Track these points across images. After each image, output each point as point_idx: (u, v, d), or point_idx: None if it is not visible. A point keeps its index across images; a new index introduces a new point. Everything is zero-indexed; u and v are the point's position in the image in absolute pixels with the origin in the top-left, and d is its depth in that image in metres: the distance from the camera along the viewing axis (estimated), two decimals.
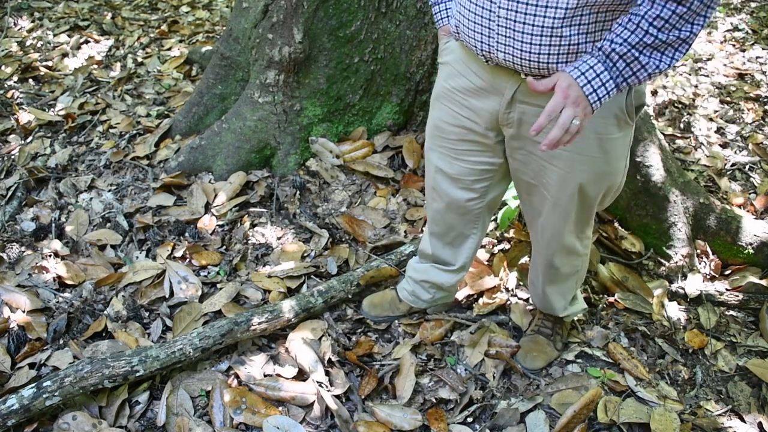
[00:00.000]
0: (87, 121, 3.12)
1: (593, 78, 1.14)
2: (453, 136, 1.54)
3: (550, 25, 1.16)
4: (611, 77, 1.15)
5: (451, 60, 1.48)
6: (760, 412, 1.80)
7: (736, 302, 2.15)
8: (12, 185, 2.65)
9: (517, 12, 1.18)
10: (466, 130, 1.50)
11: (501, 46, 1.24)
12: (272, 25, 2.46)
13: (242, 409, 1.73)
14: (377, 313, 2.05)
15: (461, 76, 1.44)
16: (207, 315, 2.05)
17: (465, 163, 1.58)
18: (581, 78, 1.15)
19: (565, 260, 1.68)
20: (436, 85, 1.56)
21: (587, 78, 1.15)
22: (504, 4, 1.19)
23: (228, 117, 2.69)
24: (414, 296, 1.98)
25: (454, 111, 1.50)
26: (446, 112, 1.52)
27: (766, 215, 2.57)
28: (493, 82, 1.37)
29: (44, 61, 3.71)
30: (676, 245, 2.25)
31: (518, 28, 1.19)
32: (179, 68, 3.67)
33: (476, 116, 1.46)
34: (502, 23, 1.21)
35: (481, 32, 1.27)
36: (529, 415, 1.75)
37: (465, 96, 1.45)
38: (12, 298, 2.08)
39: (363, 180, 2.62)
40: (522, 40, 1.20)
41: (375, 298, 2.08)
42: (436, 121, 1.57)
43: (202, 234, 2.39)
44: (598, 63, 1.15)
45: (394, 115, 2.77)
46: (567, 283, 1.80)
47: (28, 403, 1.65)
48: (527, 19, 1.17)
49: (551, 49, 1.19)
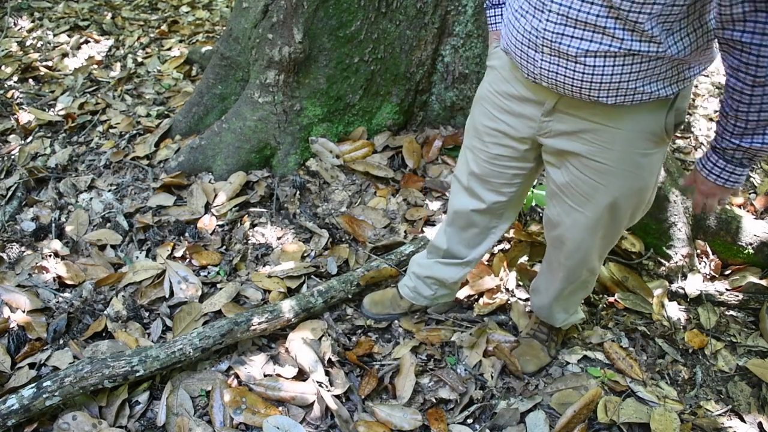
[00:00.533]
0: (87, 121, 3.12)
1: (720, 172, 1.30)
2: (488, 139, 1.54)
3: (592, 64, 1.19)
4: (737, 165, 1.28)
5: (498, 65, 1.49)
6: (760, 412, 1.80)
7: (736, 302, 2.15)
8: (12, 185, 2.65)
9: (560, 51, 1.21)
10: (502, 134, 1.51)
11: (544, 76, 1.28)
12: (272, 25, 2.46)
13: (242, 409, 1.73)
14: (378, 311, 2.05)
15: (505, 81, 1.45)
16: (207, 315, 2.05)
17: (495, 167, 1.57)
18: (711, 176, 1.32)
19: (582, 275, 1.67)
20: (482, 86, 1.57)
21: (715, 174, 1.31)
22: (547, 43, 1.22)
23: (228, 117, 2.69)
24: (415, 293, 1.96)
25: (494, 114, 1.50)
26: (486, 114, 1.53)
27: (766, 215, 2.57)
28: (535, 93, 1.38)
29: (44, 61, 3.71)
30: (676, 245, 2.25)
31: (562, 64, 1.23)
32: (179, 68, 3.67)
33: (515, 121, 1.46)
34: (546, 58, 1.25)
35: (526, 60, 1.30)
36: (529, 415, 1.75)
37: (507, 101, 1.46)
38: (12, 298, 2.08)
39: (363, 180, 2.62)
40: (565, 75, 1.24)
41: (376, 296, 2.08)
42: (475, 122, 1.58)
43: (202, 234, 2.39)
44: (720, 159, 1.29)
45: (394, 115, 2.77)
46: (574, 299, 1.81)
47: (28, 403, 1.65)
48: (569, 57, 1.21)
49: (593, 85, 1.22)
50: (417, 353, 1.95)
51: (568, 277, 1.67)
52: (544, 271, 1.80)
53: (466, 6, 2.57)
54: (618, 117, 1.30)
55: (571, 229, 1.53)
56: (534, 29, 1.23)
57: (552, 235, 1.63)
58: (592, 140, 1.35)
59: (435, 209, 2.50)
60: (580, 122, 1.34)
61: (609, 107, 1.28)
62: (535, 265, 2.27)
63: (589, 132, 1.34)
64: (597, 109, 1.30)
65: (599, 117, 1.32)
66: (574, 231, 1.52)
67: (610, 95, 1.23)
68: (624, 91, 1.22)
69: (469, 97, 2.75)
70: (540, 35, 1.23)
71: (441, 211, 2.49)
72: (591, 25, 1.15)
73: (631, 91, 1.22)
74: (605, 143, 1.34)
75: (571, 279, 1.68)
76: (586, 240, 1.53)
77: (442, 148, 2.77)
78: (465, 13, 2.58)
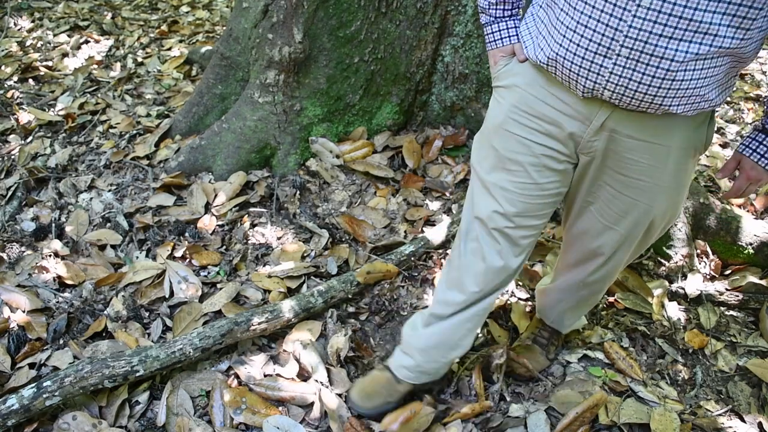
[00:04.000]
0: (87, 121, 3.12)
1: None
2: (526, 168, 1.36)
3: (674, 69, 1.09)
4: None
5: (522, 83, 1.33)
6: (760, 412, 1.80)
7: (736, 302, 2.15)
8: (12, 185, 2.65)
9: (642, 53, 1.09)
10: (542, 158, 1.35)
11: (611, 84, 1.16)
12: (272, 25, 2.46)
13: (242, 409, 1.73)
14: (373, 405, 1.71)
15: (538, 100, 1.31)
16: (207, 315, 2.05)
17: (535, 198, 1.40)
18: (762, 159, 1.27)
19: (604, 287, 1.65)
20: (498, 113, 1.38)
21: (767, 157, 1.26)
22: (629, 43, 1.10)
23: (228, 117, 2.69)
24: (419, 372, 1.69)
25: (527, 139, 1.34)
26: (516, 141, 1.35)
27: (766, 215, 2.57)
28: (582, 109, 1.26)
29: (44, 61, 3.71)
30: (676, 245, 2.25)
31: (639, 69, 1.11)
32: (179, 68, 3.67)
33: (555, 143, 1.33)
34: (620, 62, 1.12)
35: (589, 69, 1.16)
36: (530, 416, 1.75)
37: (542, 121, 1.32)
38: (12, 298, 2.08)
39: (363, 180, 2.62)
40: (641, 81, 1.12)
41: (366, 386, 1.74)
42: (502, 152, 1.38)
43: (202, 234, 2.39)
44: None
45: (394, 115, 2.77)
46: (587, 306, 1.80)
47: (28, 403, 1.65)
48: (652, 61, 1.10)
49: (669, 92, 1.13)
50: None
51: (593, 287, 1.64)
52: (560, 281, 1.73)
53: (466, 6, 2.57)
54: (668, 132, 1.23)
55: (605, 246, 1.47)
56: (610, 29, 1.10)
57: (582, 249, 1.55)
58: (639, 159, 1.28)
59: (435, 209, 2.50)
60: (628, 141, 1.26)
61: (662, 122, 1.22)
62: (535, 265, 2.27)
63: (635, 151, 1.27)
64: (649, 125, 1.23)
65: (649, 134, 1.24)
66: (607, 248, 1.47)
67: (681, 102, 1.15)
68: (694, 99, 1.15)
69: (469, 97, 2.75)
70: (620, 35, 1.10)
71: (441, 211, 2.49)
72: (688, 21, 1.04)
73: (699, 98, 1.15)
74: (651, 161, 1.27)
75: (595, 289, 1.66)
76: (618, 255, 1.48)
77: (442, 148, 2.77)
78: (465, 13, 2.58)
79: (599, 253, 1.50)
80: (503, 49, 1.39)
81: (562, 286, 1.74)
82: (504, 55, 1.40)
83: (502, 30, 1.39)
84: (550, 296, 1.82)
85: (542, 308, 1.90)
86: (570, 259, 1.63)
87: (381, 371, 1.76)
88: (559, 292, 1.76)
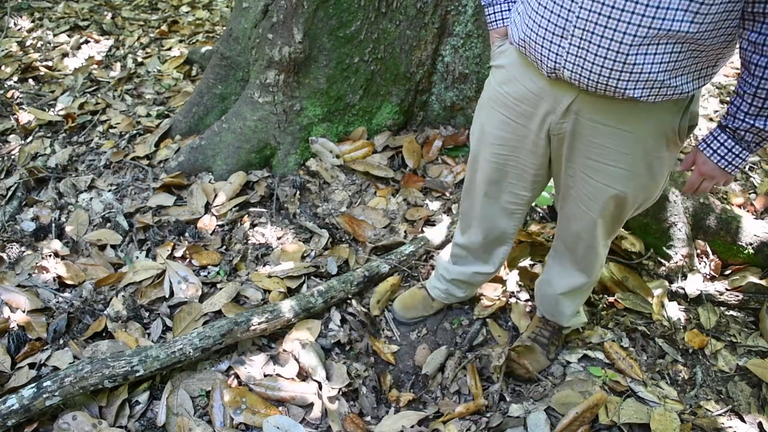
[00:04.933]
0: (87, 121, 3.12)
1: (726, 153, 1.27)
2: (504, 142, 1.49)
3: (625, 52, 1.13)
4: (743, 148, 1.25)
5: (507, 64, 1.43)
6: (760, 412, 1.80)
7: (736, 302, 2.15)
8: (12, 185, 2.65)
9: (594, 33, 1.15)
10: (518, 137, 1.46)
11: (569, 64, 1.22)
12: (272, 25, 2.46)
13: (242, 409, 1.73)
14: (412, 316, 2.05)
15: (516, 81, 1.40)
16: (207, 315, 2.05)
17: (512, 168, 1.54)
18: (715, 156, 1.28)
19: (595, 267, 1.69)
20: (488, 89, 1.51)
21: (720, 155, 1.27)
22: (580, 24, 1.15)
23: (228, 117, 2.69)
24: (448, 294, 1.99)
25: (506, 117, 1.46)
26: (498, 117, 1.48)
27: (766, 215, 2.57)
28: (551, 90, 1.33)
29: (44, 61, 3.71)
30: (676, 245, 2.25)
31: (592, 50, 1.17)
32: (179, 68, 3.67)
33: (529, 122, 1.42)
34: (575, 42, 1.18)
35: (549, 48, 1.24)
36: (529, 415, 1.75)
37: (518, 102, 1.41)
38: (12, 298, 2.08)
39: (363, 180, 2.62)
40: (594, 62, 1.18)
41: (406, 301, 2.06)
42: (486, 126, 1.52)
43: (202, 234, 2.39)
44: (728, 139, 1.25)
45: (394, 115, 2.76)
46: (581, 295, 1.82)
47: (28, 403, 1.65)
48: (603, 42, 1.14)
49: (623, 75, 1.17)
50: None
51: (583, 268, 1.70)
52: (553, 266, 1.80)
53: (466, 6, 2.57)
54: (635, 119, 1.27)
55: (584, 229, 1.54)
56: (564, 10, 1.17)
57: (567, 232, 1.63)
58: (605, 144, 1.33)
59: (435, 209, 2.50)
60: (594, 126, 1.31)
61: (627, 108, 1.25)
62: (535, 265, 2.27)
63: (602, 135, 1.32)
64: (614, 110, 1.27)
65: (615, 119, 1.28)
66: (586, 230, 1.54)
67: (637, 87, 1.18)
68: (652, 84, 1.17)
69: (469, 97, 2.75)
70: (573, 16, 1.16)
71: (441, 211, 2.49)
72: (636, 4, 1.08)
73: (658, 83, 1.17)
74: (618, 147, 1.32)
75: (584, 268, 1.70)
76: (596, 233, 1.55)
77: (442, 148, 2.77)
78: (465, 13, 2.58)
79: (580, 236, 1.58)
80: (498, 31, 1.49)
81: (553, 271, 1.80)
82: (499, 36, 1.49)
83: (496, 12, 1.48)
84: (546, 284, 1.85)
85: (540, 301, 1.92)
86: (560, 240, 1.72)
87: (419, 289, 2.08)
88: (554, 276, 1.81)
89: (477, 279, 1.93)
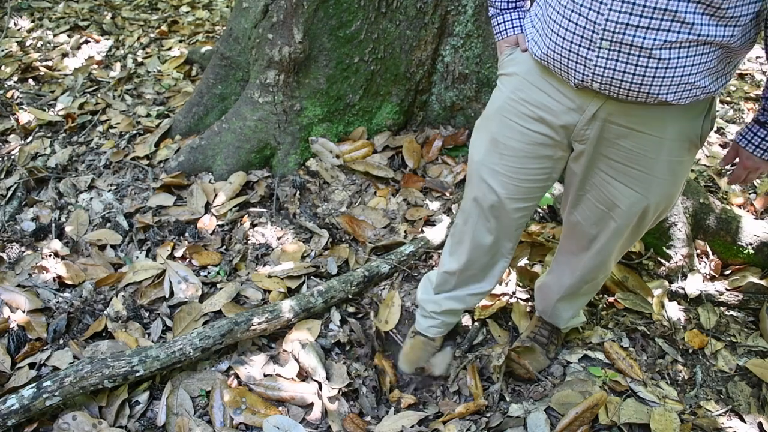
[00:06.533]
0: (87, 121, 3.12)
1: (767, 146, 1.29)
2: (518, 153, 1.43)
3: (657, 56, 1.13)
4: None
5: (521, 71, 1.39)
6: (760, 412, 1.80)
7: (736, 302, 2.15)
8: (12, 185, 2.65)
9: (622, 43, 1.14)
10: (535, 146, 1.41)
11: (598, 76, 1.20)
12: (272, 25, 2.46)
13: (242, 409, 1.73)
14: (420, 365, 1.94)
15: (535, 88, 1.37)
16: (207, 315, 2.05)
17: (525, 182, 1.48)
18: (757, 150, 1.30)
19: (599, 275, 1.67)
20: (498, 99, 1.45)
21: (763, 148, 1.30)
22: (607, 36, 1.14)
23: (228, 117, 2.69)
24: (445, 326, 1.92)
25: (522, 126, 1.40)
26: (512, 127, 1.42)
27: (766, 215, 2.57)
28: (576, 98, 1.31)
29: (44, 61, 3.71)
30: (676, 245, 2.25)
31: (622, 59, 1.16)
32: (179, 68, 3.67)
33: (549, 130, 1.38)
34: (603, 54, 1.17)
35: (576, 61, 1.22)
36: (529, 415, 1.75)
37: (537, 109, 1.37)
38: (12, 298, 2.08)
39: (363, 180, 2.62)
40: (625, 71, 1.17)
41: (410, 355, 1.94)
42: (498, 137, 1.45)
43: (202, 234, 2.39)
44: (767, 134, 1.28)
45: (394, 115, 2.77)
46: (583, 299, 1.81)
47: (28, 403, 1.65)
48: (633, 50, 1.14)
49: (655, 80, 1.16)
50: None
51: (585, 276, 1.67)
52: (555, 269, 1.78)
53: (466, 6, 2.57)
54: (661, 123, 1.26)
55: (599, 234, 1.51)
56: (590, 23, 1.15)
57: (578, 237, 1.60)
58: (631, 148, 1.31)
59: (435, 209, 2.50)
60: (620, 129, 1.30)
61: (655, 112, 1.24)
62: (535, 265, 2.27)
63: (627, 138, 1.31)
64: (641, 115, 1.26)
65: (642, 124, 1.27)
66: (602, 235, 1.51)
67: (670, 90, 1.18)
68: (684, 86, 1.17)
69: (469, 97, 2.75)
70: (599, 28, 1.15)
71: (441, 211, 2.49)
72: (662, 11, 1.08)
73: (690, 85, 1.17)
74: (643, 151, 1.31)
75: (587, 278, 1.68)
76: (611, 243, 1.52)
77: (442, 148, 2.77)
78: (465, 13, 2.58)
79: (594, 241, 1.55)
80: (508, 40, 1.46)
81: (557, 274, 1.78)
82: (508, 46, 1.46)
83: (506, 21, 1.46)
84: (547, 287, 1.85)
85: (539, 302, 1.92)
86: (566, 246, 1.70)
87: (414, 338, 1.96)
88: (555, 281, 1.79)
89: (473, 300, 1.84)
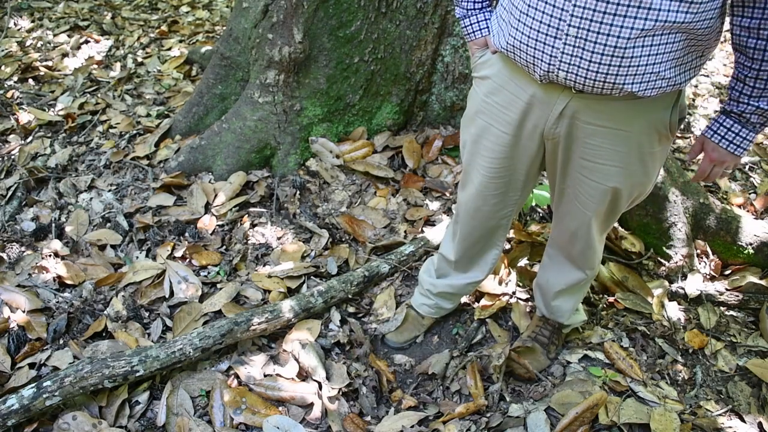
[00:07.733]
0: (87, 121, 3.12)
1: (734, 137, 1.28)
2: (496, 154, 1.47)
3: (623, 46, 1.13)
4: (750, 130, 1.27)
5: (492, 74, 1.42)
6: (760, 412, 1.80)
7: (736, 302, 2.15)
8: (12, 185, 2.65)
9: (589, 31, 1.14)
10: (511, 146, 1.45)
11: (564, 65, 1.20)
12: (272, 25, 2.46)
13: (242, 409, 1.73)
14: (405, 338, 2.01)
15: (504, 90, 1.39)
16: (207, 315, 2.05)
17: (504, 180, 1.53)
18: (723, 142, 1.30)
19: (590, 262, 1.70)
20: (474, 101, 1.49)
21: (728, 140, 1.29)
22: (575, 22, 1.14)
23: (228, 117, 2.69)
24: (437, 308, 1.97)
25: (497, 128, 1.44)
26: (488, 129, 1.46)
27: (766, 215, 2.57)
28: (543, 96, 1.32)
29: (44, 61, 3.71)
30: (676, 245, 2.25)
31: (589, 47, 1.15)
32: (179, 68, 3.67)
33: (521, 130, 1.41)
34: (570, 41, 1.17)
35: (542, 50, 1.21)
36: (529, 415, 1.75)
37: (508, 110, 1.40)
38: (12, 298, 2.08)
39: (363, 180, 2.62)
40: (591, 59, 1.17)
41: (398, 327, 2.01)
42: (478, 139, 1.50)
43: (202, 234, 2.39)
44: (734, 123, 1.27)
45: (394, 115, 2.77)
46: (578, 292, 1.82)
47: (28, 403, 1.65)
48: (599, 38, 1.14)
49: (621, 69, 1.16)
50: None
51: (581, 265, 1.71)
52: (550, 264, 1.81)
53: None
54: (629, 117, 1.28)
55: (580, 226, 1.55)
56: (557, 10, 1.15)
57: (563, 230, 1.64)
58: (600, 144, 1.33)
59: (435, 209, 2.50)
60: (589, 128, 1.32)
61: (621, 106, 1.26)
62: (535, 265, 2.27)
63: (596, 136, 1.33)
64: (608, 110, 1.27)
65: (609, 120, 1.29)
66: (583, 226, 1.55)
67: (636, 81, 1.17)
68: (649, 77, 1.17)
69: None
70: (567, 15, 1.14)
71: (441, 211, 2.49)
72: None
73: (655, 75, 1.17)
74: (613, 146, 1.33)
75: (579, 264, 1.71)
76: (591, 231, 1.56)
77: (442, 148, 2.77)
78: None
79: (577, 234, 1.59)
80: (477, 42, 1.48)
81: (549, 269, 1.81)
82: (478, 47, 1.48)
83: (473, 23, 1.47)
84: (543, 282, 1.86)
85: (539, 300, 1.93)
86: (555, 238, 1.74)
87: (406, 311, 2.03)
88: (550, 274, 1.82)
89: (467, 289, 1.92)
